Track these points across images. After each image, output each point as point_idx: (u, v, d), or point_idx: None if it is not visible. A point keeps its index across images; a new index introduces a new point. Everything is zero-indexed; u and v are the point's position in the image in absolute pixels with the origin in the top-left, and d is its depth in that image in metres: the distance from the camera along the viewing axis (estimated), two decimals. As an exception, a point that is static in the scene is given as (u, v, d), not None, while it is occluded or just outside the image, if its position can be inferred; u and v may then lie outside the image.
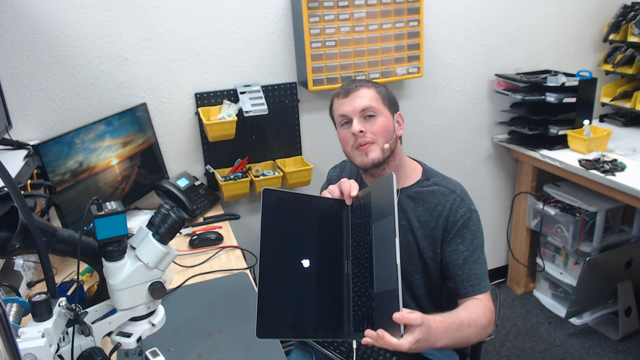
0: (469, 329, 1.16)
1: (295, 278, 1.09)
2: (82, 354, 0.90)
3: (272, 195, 1.18)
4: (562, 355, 2.33)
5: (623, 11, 2.50)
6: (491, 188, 2.75)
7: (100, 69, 1.90)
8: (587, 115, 2.29)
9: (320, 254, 1.13)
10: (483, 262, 1.30)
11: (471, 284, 1.26)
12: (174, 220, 0.96)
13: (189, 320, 1.34)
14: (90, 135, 1.70)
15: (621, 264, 2.39)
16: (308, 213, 1.18)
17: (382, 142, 1.31)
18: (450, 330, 1.11)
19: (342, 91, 1.35)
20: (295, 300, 1.07)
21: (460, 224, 1.29)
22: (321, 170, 2.24)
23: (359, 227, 1.15)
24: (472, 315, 1.19)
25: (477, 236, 1.30)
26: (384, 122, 1.32)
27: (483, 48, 2.45)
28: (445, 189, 1.34)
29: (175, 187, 1.89)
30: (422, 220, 1.34)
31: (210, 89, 2.06)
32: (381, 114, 1.32)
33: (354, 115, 1.31)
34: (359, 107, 1.30)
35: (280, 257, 1.11)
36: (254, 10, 2.02)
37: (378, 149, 1.31)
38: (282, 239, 1.14)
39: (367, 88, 1.33)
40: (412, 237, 1.35)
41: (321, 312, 1.07)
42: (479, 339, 1.22)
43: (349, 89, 1.33)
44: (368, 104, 1.31)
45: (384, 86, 1.39)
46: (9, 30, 1.75)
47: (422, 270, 1.36)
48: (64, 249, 0.96)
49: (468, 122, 2.56)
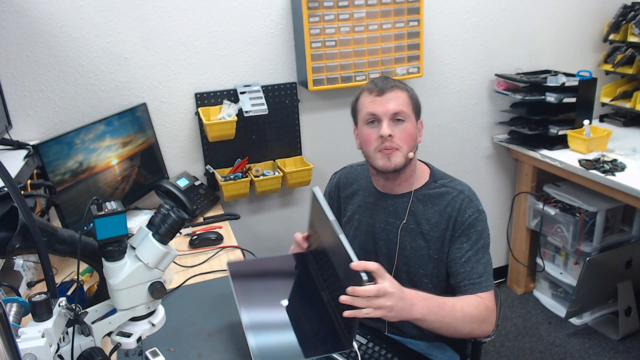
0: (454, 312, 1.16)
1: (279, 317, 1.18)
2: (82, 354, 0.90)
3: (236, 266, 1.32)
4: (562, 355, 2.33)
5: (623, 11, 2.50)
6: (491, 188, 2.75)
7: (100, 69, 1.90)
8: (587, 115, 2.29)
9: (295, 292, 1.25)
10: (487, 262, 1.30)
11: (472, 282, 1.26)
12: (174, 220, 0.96)
13: (189, 320, 1.34)
14: (90, 135, 1.70)
15: (621, 264, 2.39)
16: (275, 271, 1.34)
17: (406, 150, 1.30)
18: (427, 300, 1.13)
19: (376, 88, 1.30)
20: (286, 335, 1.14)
21: (468, 223, 1.30)
22: (321, 170, 2.25)
23: (322, 260, 1.24)
24: (460, 302, 1.19)
25: (483, 237, 1.31)
26: (411, 130, 1.30)
27: (483, 48, 2.45)
28: (454, 190, 1.34)
29: (175, 187, 1.89)
30: (432, 222, 1.34)
31: (210, 89, 2.06)
32: (409, 120, 1.30)
33: (384, 116, 1.28)
34: (392, 109, 1.27)
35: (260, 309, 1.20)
36: (254, 10, 2.02)
37: (401, 155, 1.30)
38: (257, 296, 1.24)
39: (402, 91, 1.30)
40: (422, 241, 1.35)
41: (316, 334, 1.14)
42: (471, 331, 1.21)
43: (385, 88, 1.29)
44: (401, 109, 1.28)
45: (413, 90, 1.36)
46: (9, 30, 1.75)
47: (431, 274, 1.36)
48: (64, 249, 0.96)
49: (468, 122, 2.56)
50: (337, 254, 1.11)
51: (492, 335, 1.28)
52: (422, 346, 1.40)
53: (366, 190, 1.45)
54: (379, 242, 1.41)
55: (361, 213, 1.45)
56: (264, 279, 1.31)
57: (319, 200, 1.18)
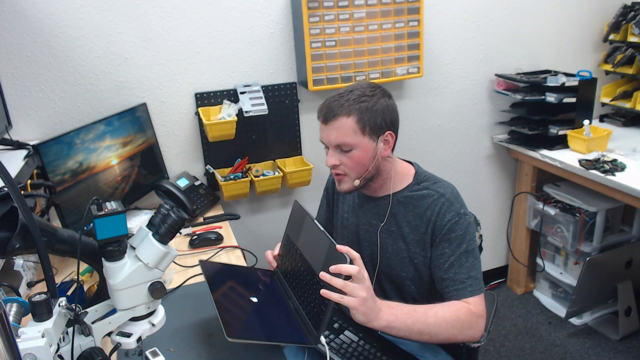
0: (425, 317, 1.14)
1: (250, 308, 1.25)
2: (82, 354, 0.90)
3: (207, 264, 1.42)
4: (562, 355, 2.33)
5: (623, 11, 2.50)
6: (491, 188, 2.75)
7: (100, 69, 1.90)
8: (587, 115, 2.29)
9: (264, 295, 1.33)
10: (472, 266, 1.26)
11: (455, 289, 1.24)
12: (174, 220, 0.96)
13: (189, 320, 1.34)
14: (90, 135, 1.70)
15: (621, 264, 2.39)
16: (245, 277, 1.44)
17: (355, 176, 1.30)
18: (395, 307, 1.13)
19: (321, 114, 1.28)
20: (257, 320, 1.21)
21: (448, 228, 1.27)
22: (321, 170, 2.25)
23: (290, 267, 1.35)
24: (434, 308, 1.17)
25: (465, 240, 1.27)
26: (359, 156, 1.27)
27: (483, 48, 2.45)
28: (435, 193, 1.32)
29: (175, 187, 1.89)
30: (413, 225, 1.33)
31: (210, 89, 2.06)
32: (357, 147, 1.26)
33: (330, 145, 1.29)
34: (333, 141, 1.27)
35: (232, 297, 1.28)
36: (254, 10, 2.02)
37: (350, 181, 1.31)
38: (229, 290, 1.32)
39: (347, 117, 1.23)
40: (402, 243, 1.34)
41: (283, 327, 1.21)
42: (451, 338, 1.19)
43: (328, 117, 1.25)
44: (342, 140, 1.25)
45: (371, 105, 1.24)
46: (9, 30, 1.75)
47: (413, 276, 1.35)
48: (64, 249, 0.96)
49: (468, 122, 2.56)
50: (317, 250, 1.20)
51: (482, 341, 1.25)
52: (414, 347, 1.39)
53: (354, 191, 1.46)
54: (363, 243, 1.42)
55: (349, 213, 1.47)
56: (234, 280, 1.39)
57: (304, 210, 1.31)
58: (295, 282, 1.31)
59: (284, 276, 1.37)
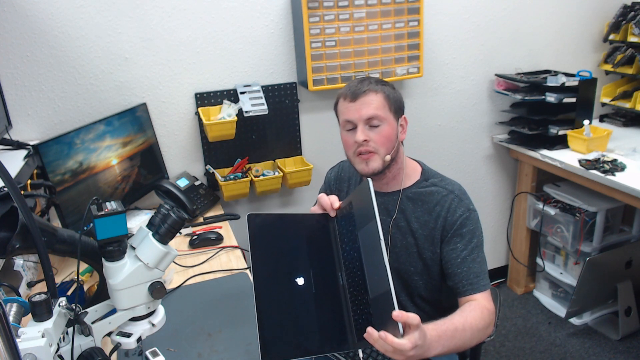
0: (464, 333, 1.14)
1: (291, 298, 1.10)
2: (82, 354, 0.90)
3: (256, 220, 1.15)
4: (562, 355, 2.33)
5: (623, 11, 2.50)
6: (491, 188, 2.75)
7: (100, 69, 1.90)
8: (587, 115, 2.29)
9: (313, 270, 1.13)
10: (482, 261, 1.30)
11: (470, 282, 1.26)
12: (174, 220, 0.96)
13: (189, 320, 1.34)
14: (90, 135, 1.70)
15: (621, 264, 2.39)
16: (295, 232, 1.19)
17: (384, 153, 1.30)
18: (443, 338, 1.10)
19: (349, 93, 1.29)
20: (295, 320, 1.08)
21: (459, 223, 1.29)
22: (321, 170, 2.24)
23: (346, 237, 1.15)
24: (468, 320, 1.17)
25: (475, 235, 1.30)
26: (388, 132, 1.29)
27: (483, 48, 2.45)
28: (443, 190, 1.34)
29: (175, 187, 1.90)
30: (422, 221, 1.34)
31: (210, 89, 2.06)
32: (386, 122, 1.29)
33: (358, 122, 1.28)
34: (364, 115, 1.27)
35: (273, 280, 1.11)
36: (254, 10, 2.02)
37: (379, 159, 1.30)
38: (273, 261, 1.13)
39: (376, 93, 1.28)
40: (411, 238, 1.35)
41: (323, 328, 1.08)
42: (477, 342, 1.21)
43: (357, 93, 1.28)
44: (374, 113, 1.27)
45: (392, 88, 1.34)
46: (9, 30, 1.75)
47: (422, 271, 1.36)
48: (64, 249, 0.96)
49: (468, 122, 2.56)
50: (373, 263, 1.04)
51: (492, 335, 1.28)
52: None
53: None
54: None
55: None
56: (284, 242, 1.17)
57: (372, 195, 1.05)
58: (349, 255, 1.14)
59: (340, 235, 1.18)
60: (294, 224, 1.20)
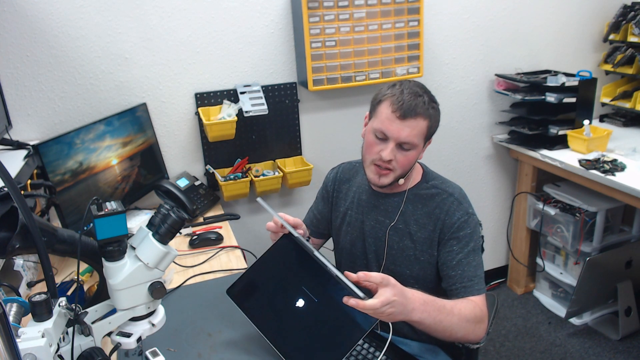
0: (451, 316, 1.15)
1: (302, 322, 1.18)
2: (82, 354, 0.90)
3: (234, 290, 1.28)
4: (562, 355, 2.33)
5: (623, 11, 2.50)
6: (491, 188, 2.75)
7: (100, 69, 1.90)
8: (587, 115, 2.29)
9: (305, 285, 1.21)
10: (478, 265, 1.28)
11: (463, 285, 1.25)
12: (174, 220, 0.96)
13: (189, 320, 1.34)
14: (90, 135, 1.70)
15: (621, 264, 2.39)
16: (270, 271, 1.28)
17: (399, 174, 1.30)
18: (429, 305, 1.12)
19: (400, 108, 1.23)
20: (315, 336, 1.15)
21: (457, 226, 1.29)
22: (321, 170, 2.24)
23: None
24: (457, 306, 1.18)
25: (473, 239, 1.29)
26: (412, 157, 1.29)
27: (483, 48, 2.45)
28: (443, 192, 1.34)
29: (175, 187, 1.89)
30: (420, 223, 1.34)
31: (210, 89, 2.06)
32: (415, 149, 1.28)
33: (393, 140, 1.26)
34: (403, 138, 1.24)
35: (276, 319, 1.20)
36: (254, 10, 2.02)
37: (392, 177, 1.30)
38: (268, 307, 1.23)
39: (424, 119, 1.25)
40: (408, 241, 1.35)
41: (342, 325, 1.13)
42: (465, 336, 1.20)
43: (408, 113, 1.23)
44: (412, 140, 1.25)
45: (438, 110, 1.31)
46: (9, 30, 1.75)
47: (417, 275, 1.36)
48: (64, 249, 0.96)
49: (468, 122, 2.56)
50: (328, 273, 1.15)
51: (482, 342, 1.26)
52: (414, 347, 1.39)
53: (361, 187, 1.46)
54: (368, 239, 1.42)
55: (353, 209, 1.46)
56: (267, 286, 1.27)
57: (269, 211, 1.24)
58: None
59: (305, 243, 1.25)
60: (266, 265, 1.29)
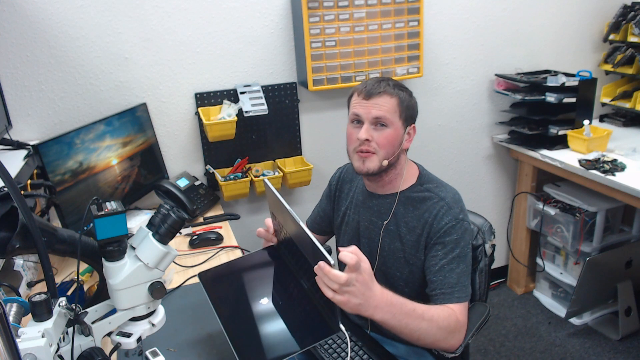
0: (420, 321, 1.12)
1: (259, 317, 1.17)
2: (82, 354, 0.90)
3: (207, 275, 1.29)
4: (562, 355, 2.33)
5: (623, 11, 2.50)
6: (491, 188, 2.75)
7: (100, 69, 1.90)
8: (587, 115, 2.29)
9: (275, 289, 1.23)
10: (462, 273, 1.25)
11: (442, 292, 1.23)
12: (174, 220, 0.96)
13: (189, 320, 1.34)
14: (90, 135, 1.70)
15: (621, 264, 2.39)
16: (248, 268, 1.33)
17: (383, 156, 1.29)
18: (396, 307, 1.08)
19: (364, 90, 1.30)
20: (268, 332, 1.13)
21: (443, 231, 1.27)
22: (321, 170, 2.25)
23: (291, 248, 1.23)
24: (430, 311, 1.15)
25: (459, 246, 1.26)
26: (392, 135, 1.29)
27: (483, 48, 2.45)
28: (435, 196, 1.32)
29: (175, 187, 1.89)
30: (410, 226, 1.33)
31: (210, 89, 2.06)
32: (392, 126, 1.29)
33: (366, 119, 1.29)
34: (373, 114, 1.28)
35: (236, 310, 1.19)
36: (254, 10, 2.02)
37: (377, 160, 1.30)
38: (233, 297, 1.24)
39: (390, 97, 1.29)
40: (399, 243, 1.34)
41: (301, 327, 1.12)
42: (434, 342, 1.17)
43: (372, 92, 1.28)
44: (383, 114, 1.27)
45: (410, 95, 1.34)
46: (9, 30, 1.75)
47: (407, 277, 1.35)
48: (64, 249, 0.96)
49: (468, 122, 2.56)
50: (303, 240, 1.12)
51: (458, 352, 1.21)
52: (401, 349, 1.38)
53: (359, 187, 1.47)
54: (362, 240, 1.42)
55: (351, 209, 1.47)
56: (239, 281, 1.30)
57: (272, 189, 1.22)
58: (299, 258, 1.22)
59: (287, 250, 1.28)
60: (244, 263, 1.35)
